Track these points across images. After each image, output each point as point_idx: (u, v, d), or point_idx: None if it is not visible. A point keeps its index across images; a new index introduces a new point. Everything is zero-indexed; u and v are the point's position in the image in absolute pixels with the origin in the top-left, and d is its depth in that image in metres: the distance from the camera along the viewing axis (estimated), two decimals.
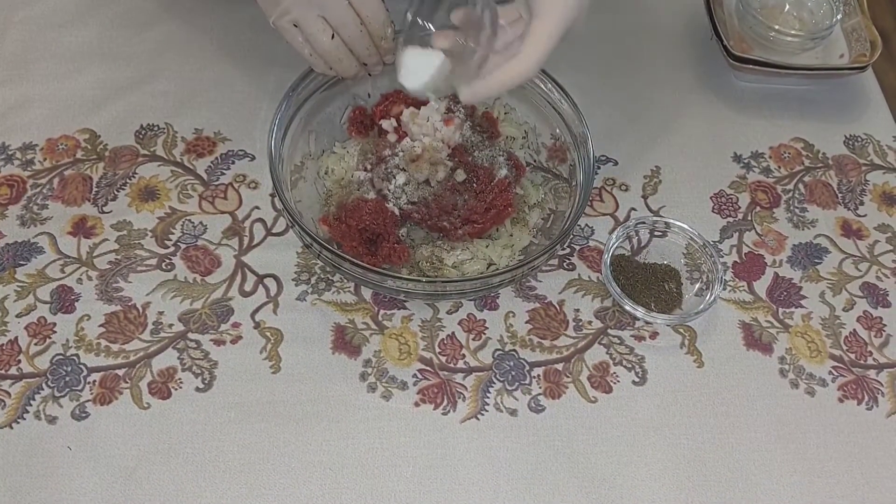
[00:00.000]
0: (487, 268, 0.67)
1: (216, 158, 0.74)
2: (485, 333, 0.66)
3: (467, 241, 0.67)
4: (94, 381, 0.62)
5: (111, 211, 0.70)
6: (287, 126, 0.66)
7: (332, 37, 0.61)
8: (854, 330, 0.69)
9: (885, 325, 0.70)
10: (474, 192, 0.65)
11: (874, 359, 0.68)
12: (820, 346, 0.68)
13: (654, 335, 0.67)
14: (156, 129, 0.75)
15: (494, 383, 0.64)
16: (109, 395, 0.61)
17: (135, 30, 0.82)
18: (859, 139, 0.82)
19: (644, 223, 0.71)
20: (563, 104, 0.69)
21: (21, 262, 0.67)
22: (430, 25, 0.60)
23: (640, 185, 0.76)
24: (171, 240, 0.69)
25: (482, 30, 0.58)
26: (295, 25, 0.60)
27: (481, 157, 0.67)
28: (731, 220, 0.75)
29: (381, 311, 0.67)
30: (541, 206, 0.71)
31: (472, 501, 0.59)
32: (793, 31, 0.82)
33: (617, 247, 0.69)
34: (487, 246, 0.67)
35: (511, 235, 0.68)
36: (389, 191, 0.66)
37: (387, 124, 0.68)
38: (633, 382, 0.65)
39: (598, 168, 0.76)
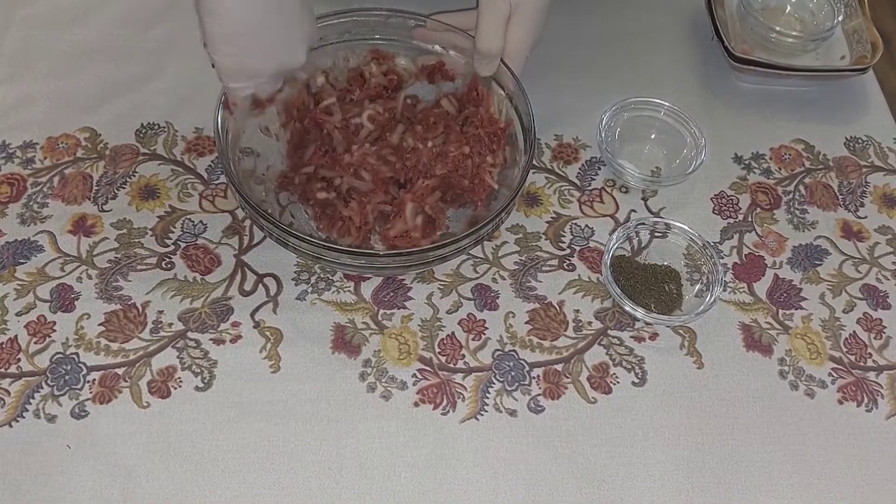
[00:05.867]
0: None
1: (216, 157, 0.74)
2: (484, 333, 0.66)
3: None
4: (94, 379, 0.62)
5: (111, 209, 0.70)
6: None
7: None
8: (854, 332, 0.69)
9: (884, 327, 0.70)
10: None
11: (874, 361, 0.68)
12: (820, 348, 0.68)
13: (653, 336, 0.67)
14: (156, 127, 0.75)
15: (494, 384, 0.64)
16: (109, 394, 0.61)
17: (136, 29, 0.82)
18: (860, 141, 0.81)
19: (644, 224, 0.71)
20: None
21: (21, 261, 0.67)
22: None
23: (640, 187, 0.76)
24: (171, 238, 0.69)
25: None
26: None
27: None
28: (731, 221, 0.75)
29: (381, 311, 0.67)
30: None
31: (471, 502, 0.59)
32: (794, 33, 0.82)
33: (617, 248, 0.69)
34: None
35: None
36: None
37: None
38: (633, 383, 0.65)
39: (598, 170, 0.76)
